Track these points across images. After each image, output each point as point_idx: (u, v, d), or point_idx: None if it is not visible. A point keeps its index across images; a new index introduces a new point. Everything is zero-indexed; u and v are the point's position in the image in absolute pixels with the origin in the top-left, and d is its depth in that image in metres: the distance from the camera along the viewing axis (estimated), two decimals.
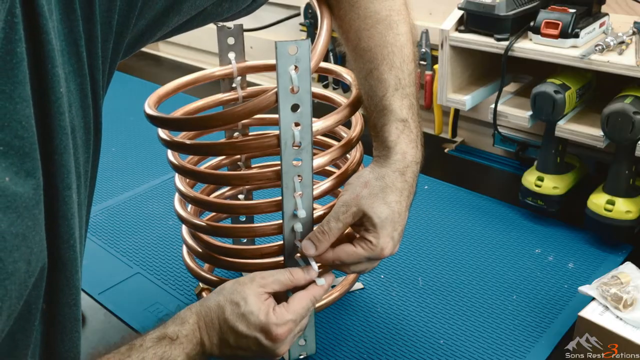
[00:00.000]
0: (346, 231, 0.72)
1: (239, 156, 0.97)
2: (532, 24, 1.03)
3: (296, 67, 0.63)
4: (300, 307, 0.67)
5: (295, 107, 0.65)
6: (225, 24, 0.89)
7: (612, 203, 0.99)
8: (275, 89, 0.64)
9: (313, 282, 0.70)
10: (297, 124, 0.66)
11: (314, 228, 0.71)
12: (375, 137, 0.73)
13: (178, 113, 0.88)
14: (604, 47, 0.95)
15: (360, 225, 0.70)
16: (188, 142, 0.79)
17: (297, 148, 0.67)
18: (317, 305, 0.82)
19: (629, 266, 0.86)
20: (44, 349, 0.54)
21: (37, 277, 0.49)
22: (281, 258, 0.75)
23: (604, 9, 1.06)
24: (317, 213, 0.76)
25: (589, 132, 1.00)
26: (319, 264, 0.71)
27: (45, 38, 0.49)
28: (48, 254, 0.51)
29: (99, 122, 0.59)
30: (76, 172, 0.54)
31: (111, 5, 0.55)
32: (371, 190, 0.69)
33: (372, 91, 0.72)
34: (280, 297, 0.68)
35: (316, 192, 0.74)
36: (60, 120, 0.50)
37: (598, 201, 1.00)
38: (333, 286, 0.88)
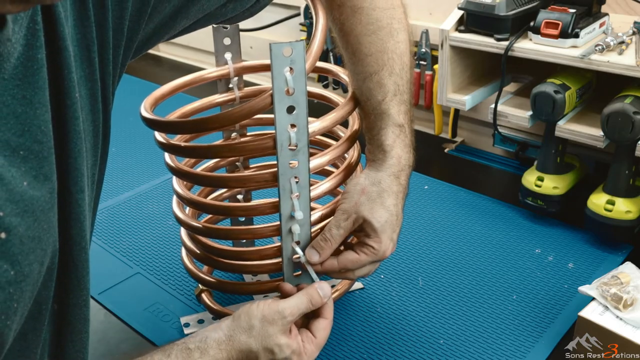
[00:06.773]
0: (348, 239, 0.74)
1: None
2: (532, 24, 1.03)
3: (291, 68, 0.62)
4: (325, 337, 0.69)
5: (290, 109, 0.65)
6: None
7: (612, 203, 0.99)
8: (271, 91, 0.64)
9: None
10: (293, 126, 0.66)
11: (314, 235, 0.73)
12: (370, 140, 0.75)
13: (175, 115, 0.87)
14: (604, 47, 0.95)
15: (361, 231, 0.72)
16: (183, 144, 0.79)
17: (293, 150, 0.67)
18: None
19: (629, 266, 0.85)
20: (54, 349, 0.55)
21: (45, 277, 0.49)
22: (280, 259, 0.75)
23: (604, 9, 1.06)
24: (316, 214, 0.76)
25: (589, 132, 1.00)
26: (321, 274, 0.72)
27: (63, 44, 0.50)
28: (61, 255, 0.51)
29: (108, 127, 0.59)
30: None
31: (123, 12, 0.56)
32: (369, 196, 0.71)
33: (370, 94, 0.74)
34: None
35: (313, 193, 0.74)
36: (75, 125, 0.51)
37: (598, 201, 1.00)
38: (332, 285, 0.88)
